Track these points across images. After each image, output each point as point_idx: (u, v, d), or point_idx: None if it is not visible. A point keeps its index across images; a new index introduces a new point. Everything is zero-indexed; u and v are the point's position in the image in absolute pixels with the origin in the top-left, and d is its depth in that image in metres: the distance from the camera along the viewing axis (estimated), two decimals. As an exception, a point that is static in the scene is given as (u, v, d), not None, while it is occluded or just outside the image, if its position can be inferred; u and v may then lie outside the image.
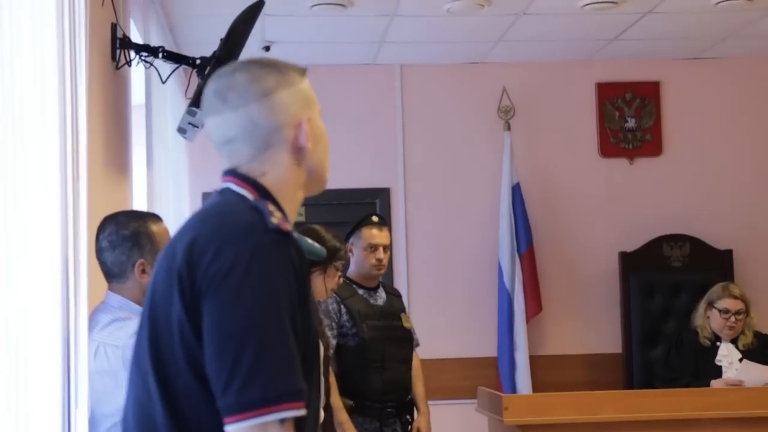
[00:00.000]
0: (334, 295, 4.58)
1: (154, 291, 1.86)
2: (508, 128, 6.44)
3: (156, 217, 3.11)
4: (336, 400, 4.42)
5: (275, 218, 1.82)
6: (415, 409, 4.88)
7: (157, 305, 1.84)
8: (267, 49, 5.92)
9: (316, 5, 5.25)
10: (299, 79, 1.96)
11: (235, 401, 1.70)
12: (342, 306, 4.68)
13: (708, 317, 5.44)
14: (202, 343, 1.76)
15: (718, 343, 5.42)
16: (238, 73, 1.91)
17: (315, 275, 3.93)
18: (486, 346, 6.40)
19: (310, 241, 3.58)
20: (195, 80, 4.10)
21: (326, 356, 3.91)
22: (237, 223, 1.81)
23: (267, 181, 1.91)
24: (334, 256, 4.01)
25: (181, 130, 3.96)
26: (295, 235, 1.85)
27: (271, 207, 1.85)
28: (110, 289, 2.98)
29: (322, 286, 3.96)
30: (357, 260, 4.80)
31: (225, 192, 1.91)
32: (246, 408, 1.70)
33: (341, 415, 4.44)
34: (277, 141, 1.91)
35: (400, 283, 6.36)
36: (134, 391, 1.87)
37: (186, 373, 1.78)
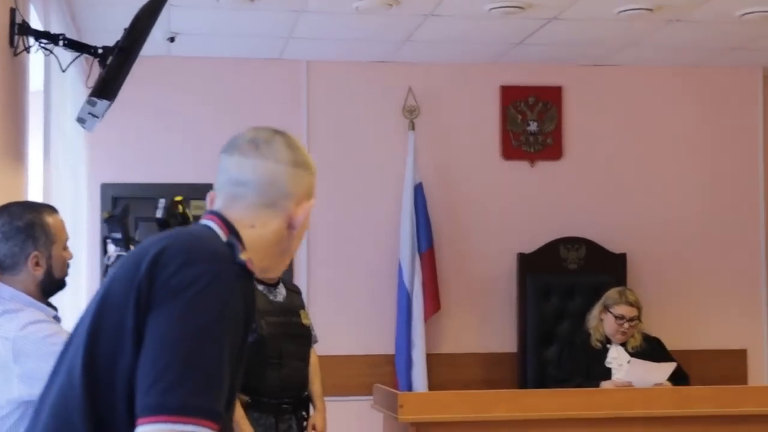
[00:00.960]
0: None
1: (107, 296, 1.86)
2: (413, 128, 6.49)
3: (52, 209, 3.05)
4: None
5: (244, 255, 1.89)
6: (311, 405, 4.89)
7: (106, 310, 1.84)
8: (172, 40, 5.86)
9: (223, -3, 5.21)
10: (314, 176, 2.08)
11: (155, 402, 1.71)
12: (241, 301, 4.65)
13: (602, 320, 5.57)
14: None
15: (608, 346, 5.55)
16: (279, 135, 2.01)
17: None
18: (384, 344, 6.44)
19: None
20: (97, 69, 4.03)
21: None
22: (208, 246, 1.87)
23: (249, 235, 1.96)
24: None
25: (81, 120, 3.90)
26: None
27: (242, 248, 1.92)
28: (1, 280, 2.92)
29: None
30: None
31: (204, 226, 1.97)
32: (164, 411, 1.70)
33: (237, 412, 4.42)
34: (281, 206, 1.99)
35: (300, 280, 6.36)
36: (58, 381, 1.86)
37: (116, 378, 1.78)
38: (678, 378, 5.34)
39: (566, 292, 6.51)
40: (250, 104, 6.49)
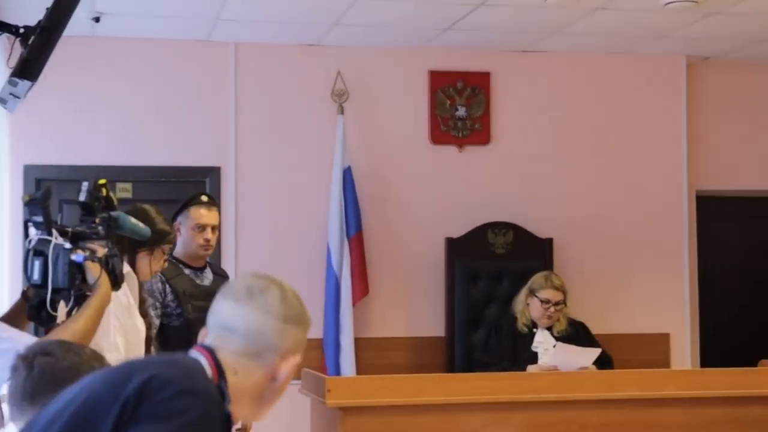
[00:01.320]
0: (160, 274, 4.50)
1: (90, 397, 1.89)
2: (342, 112, 6.47)
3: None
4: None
5: (231, 409, 1.95)
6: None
7: (85, 410, 1.88)
8: (97, 20, 5.76)
9: (149, -22, 5.13)
10: (306, 331, 2.12)
11: None
12: (167, 285, 4.61)
13: (528, 304, 5.62)
14: None
15: (534, 330, 5.60)
16: (275, 286, 2.07)
17: (140, 256, 3.86)
18: (312, 328, 6.38)
19: (134, 221, 3.53)
20: (18, 49, 3.94)
21: (148, 337, 3.86)
22: (201, 384, 1.91)
23: (233, 382, 1.99)
24: (162, 239, 3.95)
25: (2, 101, 3.81)
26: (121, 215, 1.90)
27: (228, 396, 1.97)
28: None
29: (147, 267, 3.90)
30: (184, 240, 4.73)
31: (193, 359, 1.99)
32: None
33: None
34: (265, 358, 2.02)
35: (228, 264, 6.31)
36: None
37: None
38: (602, 362, 5.42)
39: (494, 277, 6.55)
40: (177, 86, 6.42)
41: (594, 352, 5.34)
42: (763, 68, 7.23)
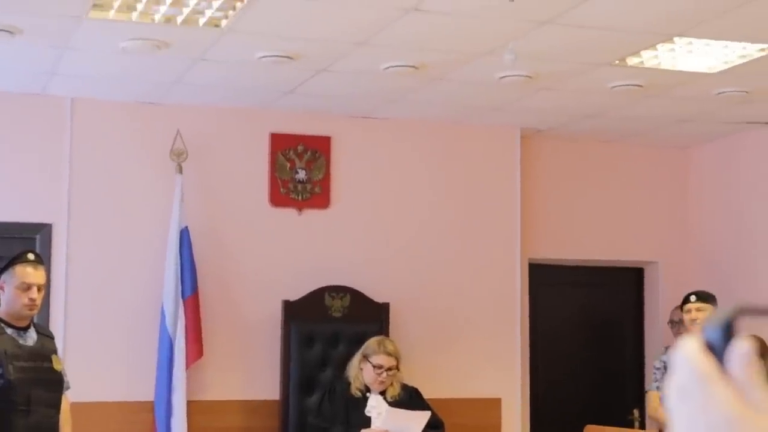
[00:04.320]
0: (-19, 334, 4.34)
1: None
2: (180, 171, 6.39)
3: None
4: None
5: None
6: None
7: None
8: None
9: (-19, 29, 5.00)
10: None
11: None
12: (-12, 346, 4.44)
13: (362, 369, 5.64)
14: None
15: (368, 395, 5.62)
16: None
17: None
18: (143, 391, 6.27)
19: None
20: None
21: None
22: None
23: None
24: None
25: None
26: None
27: None
28: None
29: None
30: (8, 299, 4.58)
31: None
32: None
33: None
34: None
35: (57, 323, 6.12)
36: None
37: None
38: (434, 426, 5.47)
39: (330, 340, 6.55)
40: (10, 139, 6.25)
41: (425, 416, 5.39)
42: (590, 142, 7.54)
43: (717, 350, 0.78)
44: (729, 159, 7.45)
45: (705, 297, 5.66)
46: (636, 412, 7.43)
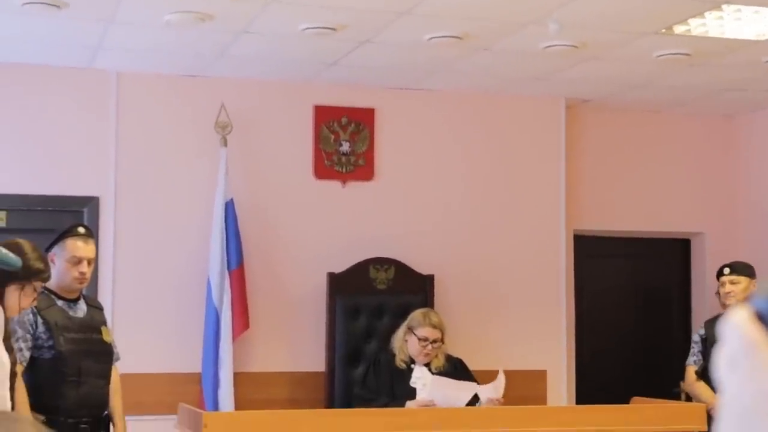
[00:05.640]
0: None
1: None
2: (225, 144, 6.41)
3: None
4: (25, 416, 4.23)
5: None
6: (111, 425, 4.76)
7: None
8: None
9: (27, 3, 5.03)
10: None
11: None
12: (38, 317, 4.49)
13: (406, 341, 5.64)
14: None
15: (412, 366, 5.62)
16: None
17: (11, 289, 3.77)
18: (191, 362, 6.33)
19: (4, 250, 3.43)
20: None
21: (13, 373, 3.74)
22: None
23: None
24: (35, 276, 3.87)
25: None
26: None
27: None
28: None
29: (16, 302, 3.80)
30: (59, 271, 4.62)
31: None
32: None
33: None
34: None
35: (105, 296, 6.18)
36: None
37: None
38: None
39: (375, 312, 6.56)
40: (57, 114, 6.30)
41: (471, 386, 5.38)
42: (638, 113, 7.46)
43: (766, 320, 0.77)
44: (777, 128, 7.35)
45: (739, 269, 5.56)
46: (682, 385, 7.38)
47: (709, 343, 5.59)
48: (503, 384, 5.42)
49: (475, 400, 5.39)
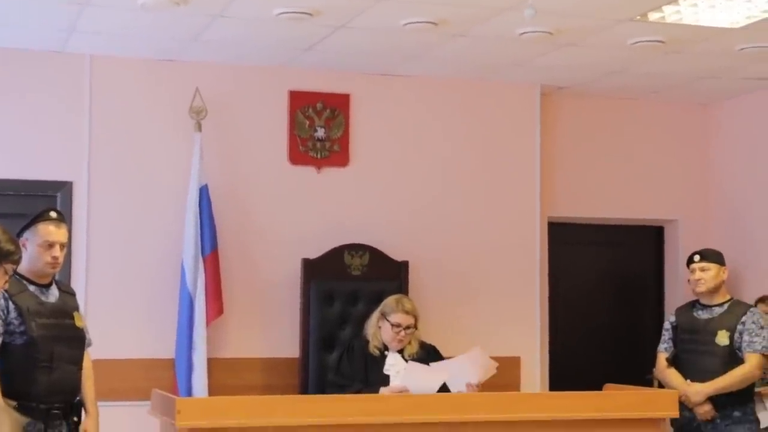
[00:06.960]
0: (3, 291, 4.36)
1: None
2: (200, 129, 6.38)
3: None
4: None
5: None
6: (83, 410, 4.74)
7: None
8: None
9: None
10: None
11: None
12: (10, 302, 4.46)
13: (380, 327, 5.64)
14: None
15: (386, 353, 5.62)
16: None
17: None
18: (164, 348, 6.31)
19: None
20: None
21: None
22: None
23: None
24: (5, 257, 3.85)
25: None
26: None
27: None
28: None
29: (-11, 285, 3.78)
30: (31, 256, 4.58)
31: None
32: None
33: None
34: None
35: (78, 281, 6.16)
36: None
37: None
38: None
39: (349, 298, 6.56)
40: (29, 98, 6.25)
41: (443, 372, 5.38)
42: (612, 100, 7.48)
43: None
44: (750, 116, 7.39)
45: (709, 256, 5.56)
46: (654, 371, 7.42)
47: (680, 330, 5.61)
48: (480, 364, 5.41)
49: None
